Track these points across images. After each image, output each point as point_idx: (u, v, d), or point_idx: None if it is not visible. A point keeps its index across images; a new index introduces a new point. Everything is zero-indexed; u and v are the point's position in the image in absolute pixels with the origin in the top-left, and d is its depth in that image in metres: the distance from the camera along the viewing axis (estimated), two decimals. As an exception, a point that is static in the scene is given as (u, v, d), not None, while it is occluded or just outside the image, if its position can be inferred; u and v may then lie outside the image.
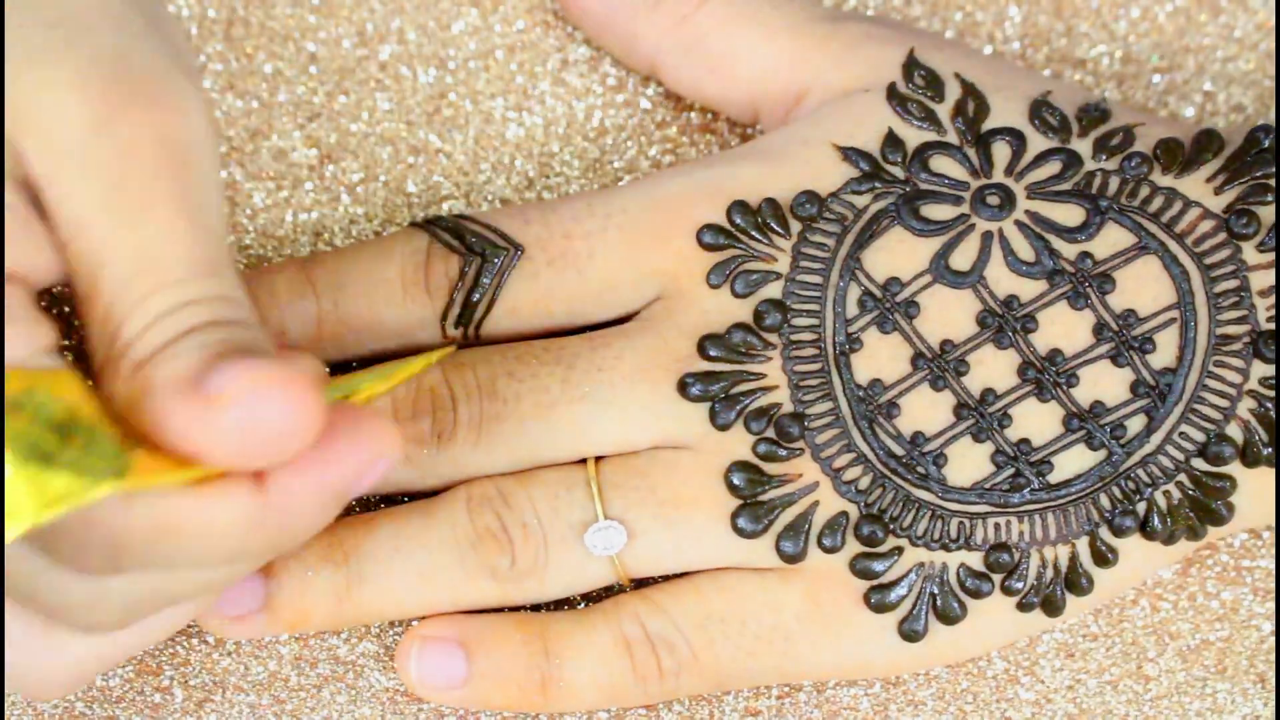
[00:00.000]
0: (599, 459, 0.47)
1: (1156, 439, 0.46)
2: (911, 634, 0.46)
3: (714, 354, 0.46)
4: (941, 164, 0.47)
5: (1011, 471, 0.46)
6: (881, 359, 0.46)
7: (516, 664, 0.47)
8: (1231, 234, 0.46)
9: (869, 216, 0.47)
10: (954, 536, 0.46)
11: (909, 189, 0.47)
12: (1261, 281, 0.46)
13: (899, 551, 0.46)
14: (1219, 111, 0.52)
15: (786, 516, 0.46)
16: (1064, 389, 0.46)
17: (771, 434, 0.46)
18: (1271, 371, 0.46)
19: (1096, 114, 0.48)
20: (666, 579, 0.48)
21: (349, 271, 0.47)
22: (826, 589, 0.46)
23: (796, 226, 0.47)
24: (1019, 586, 0.46)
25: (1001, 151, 0.47)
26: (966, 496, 0.46)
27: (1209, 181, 0.47)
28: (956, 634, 0.47)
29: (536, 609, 0.48)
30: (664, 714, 0.48)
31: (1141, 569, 0.47)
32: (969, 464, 0.46)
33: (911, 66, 0.48)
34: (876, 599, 0.46)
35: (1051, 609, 0.47)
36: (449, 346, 0.47)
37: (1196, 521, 0.46)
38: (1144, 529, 0.46)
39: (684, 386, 0.46)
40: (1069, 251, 0.46)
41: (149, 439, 0.36)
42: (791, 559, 0.46)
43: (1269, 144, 0.47)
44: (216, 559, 0.37)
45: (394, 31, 0.51)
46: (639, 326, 0.47)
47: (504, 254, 0.47)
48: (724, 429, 0.46)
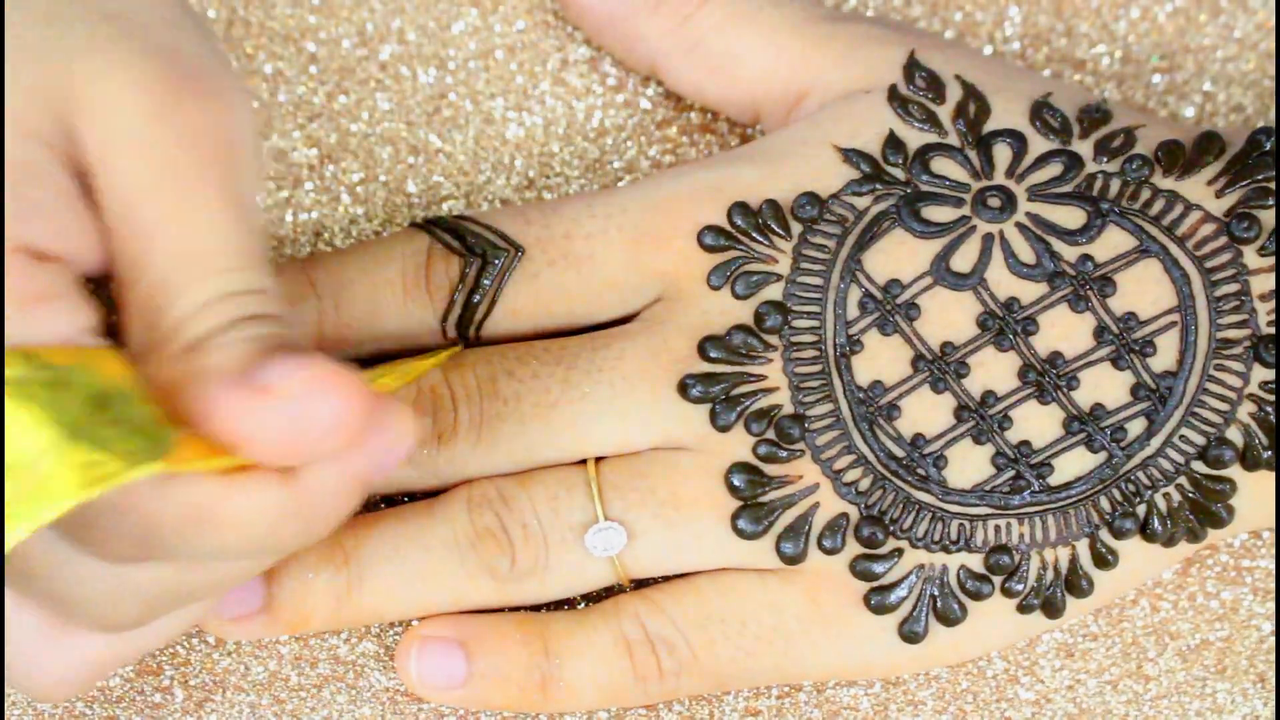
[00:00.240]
0: (599, 460, 0.47)
1: (1157, 442, 0.46)
2: (911, 635, 0.46)
3: (714, 355, 0.46)
4: (942, 166, 0.47)
5: (1012, 474, 0.46)
6: (882, 361, 0.46)
7: (516, 664, 0.47)
8: (1232, 237, 0.46)
9: (870, 218, 0.47)
10: (954, 538, 0.46)
11: (910, 191, 0.47)
12: (1262, 285, 0.46)
13: (899, 553, 0.46)
14: (1219, 112, 0.52)
15: (787, 518, 0.46)
16: (1064, 391, 0.46)
17: (772, 435, 0.46)
18: (1272, 375, 0.46)
19: (1098, 115, 0.48)
20: (667, 580, 0.48)
21: (349, 273, 0.47)
22: (826, 590, 0.46)
23: (797, 228, 0.47)
24: (1019, 588, 0.46)
25: (1002, 153, 0.47)
26: (967, 498, 0.46)
27: (1210, 184, 0.47)
28: (956, 635, 0.47)
29: (536, 609, 0.48)
30: (664, 714, 0.48)
31: (1141, 571, 0.47)
32: (969, 466, 0.46)
33: (913, 68, 0.48)
34: (876, 600, 0.46)
35: (1051, 611, 0.47)
36: (455, 346, 0.47)
37: (1196, 524, 0.46)
38: (1144, 531, 0.46)
39: (684, 387, 0.46)
40: (1070, 254, 0.46)
41: (186, 424, 0.36)
42: (792, 560, 0.46)
43: (1270, 146, 0.47)
44: (244, 549, 0.38)
45: (394, 31, 0.51)
46: (640, 327, 0.47)
47: (504, 255, 0.47)
48: (724, 430, 0.46)
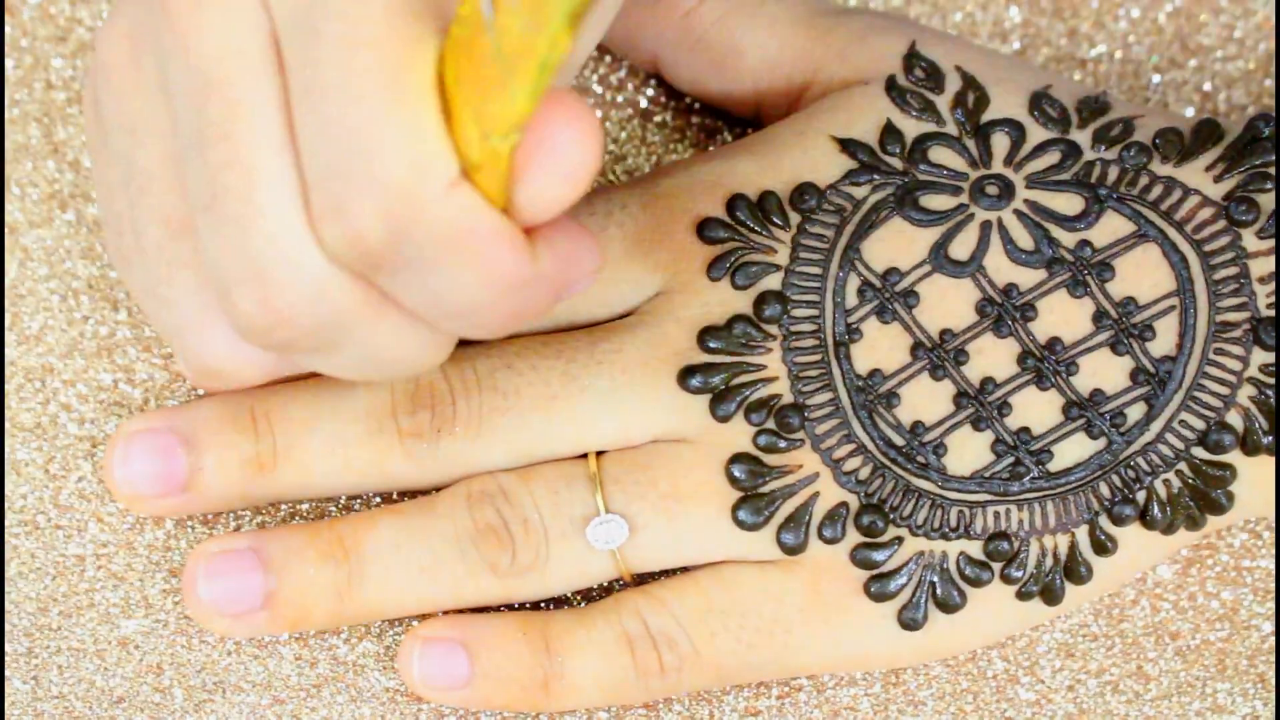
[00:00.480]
0: (599, 453, 0.47)
1: (1156, 427, 0.46)
2: (911, 622, 0.46)
3: (714, 346, 0.46)
4: (940, 155, 0.47)
5: (1011, 460, 0.46)
6: (881, 349, 0.46)
7: (519, 663, 0.47)
8: (1231, 221, 0.46)
9: (868, 207, 0.47)
10: (954, 525, 0.46)
11: (908, 180, 0.47)
12: (1261, 268, 0.46)
13: (899, 541, 0.46)
14: (1219, 112, 0.52)
15: (787, 508, 0.46)
16: (1063, 377, 0.46)
17: (772, 425, 0.46)
18: (1272, 359, 0.46)
19: (1096, 106, 0.48)
20: (667, 574, 0.48)
21: None
22: (827, 580, 0.46)
23: (795, 218, 0.47)
24: (1018, 575, 0.46)
25: (1001, 142, 0.47)
26: (966, 485, 0.46)
27: (1208, 170, 0.47)
28: (956, 623, 0.47)
29: (537, 606, 0.48)
30: (664, 714, 0.48)
31: (1140, 558, 0.47)
32: (969, 453, 0.46)
33: (912, 59, 0.48)
34: (876, 588, 0.46)
35: (1050, 598, 0.46)
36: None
37: (1196, 510, 0.46)
38: (1143, 518, 0.46)
39: (684, 378, 0.46)
40: (1068, 240, 0.46)
41: None
42: (792, 550, 0.46)
43: (1269, 132, 0.47)
44: (465, 299, 0.38)
45: (396, 29, 0.51)
46: (639, 320, 0.47)
47: (505, 252, 0.47)
48: (724, 421, 0.46)
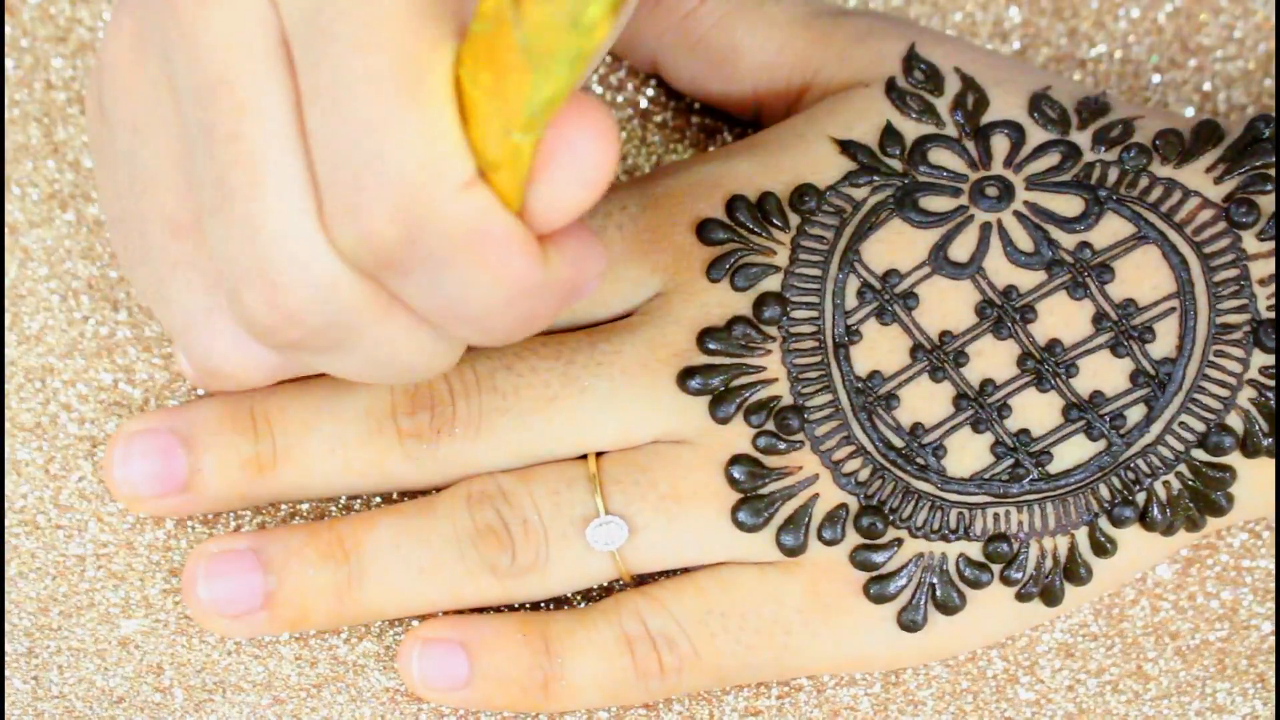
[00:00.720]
0: (599, 454, 0.47)
1: (1156, 429, 0.46)
2: (911, 624, 0.46)
3: (713, 347, 0.46)
4: (940, 156, 0.47)
5: (1011, 462, 0.46)
6: (881, 350, 0.46)
7: (518, 664, 0.47)
8: (1231, 223, 0.46)
9: (868, 209, 0.47)
10: (953, 527, 0.46)
11: (908, 181, 0.47)
12: (1261, 270, 0.46)
13: (898, 543, 0.46)
14: (1219, 112, 0.52)
15: (786, 509, 0.46)
16: (1063, 379, 0.46)
17: (771, 427, 0.46)
18: (1272, 361, 0.46)
19: (1096, 107, 0.48)
20: (667, 575, 0.48)
21: None
22: (827, 581, 0.46)
23: (795, 219, 0.47)
24: (1018, 576, 0.46)
25: (1000, 144, 0.47)
26: (966, 487, 0.46)
27: (1208, 171, 0.47)
28: (956, 624, 0.47)
29: (536, 607, 0.48)
30: (664, 715, 0.48)
31: (1140, 560, 0.47)
32: (968, 455, 0.46)
33: (912, 61, 0.48)
34: (876, 590, 0.46)
35: (1050, 599, 0.46)
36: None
37: (1196, 512, 0.46)
38: (1143, 519, 0.46)
39: (684, 380, 0.46)
40: (1068, 241, 0.46)
41: None
42: (792, 552, 0.46)
43: (1269, 133, 0.47)
44: (477, 301, 0.38)
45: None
46: (639, 321, 0.47)
47: (506, 252, 0.47)
48: (724, 422, 0.46)
